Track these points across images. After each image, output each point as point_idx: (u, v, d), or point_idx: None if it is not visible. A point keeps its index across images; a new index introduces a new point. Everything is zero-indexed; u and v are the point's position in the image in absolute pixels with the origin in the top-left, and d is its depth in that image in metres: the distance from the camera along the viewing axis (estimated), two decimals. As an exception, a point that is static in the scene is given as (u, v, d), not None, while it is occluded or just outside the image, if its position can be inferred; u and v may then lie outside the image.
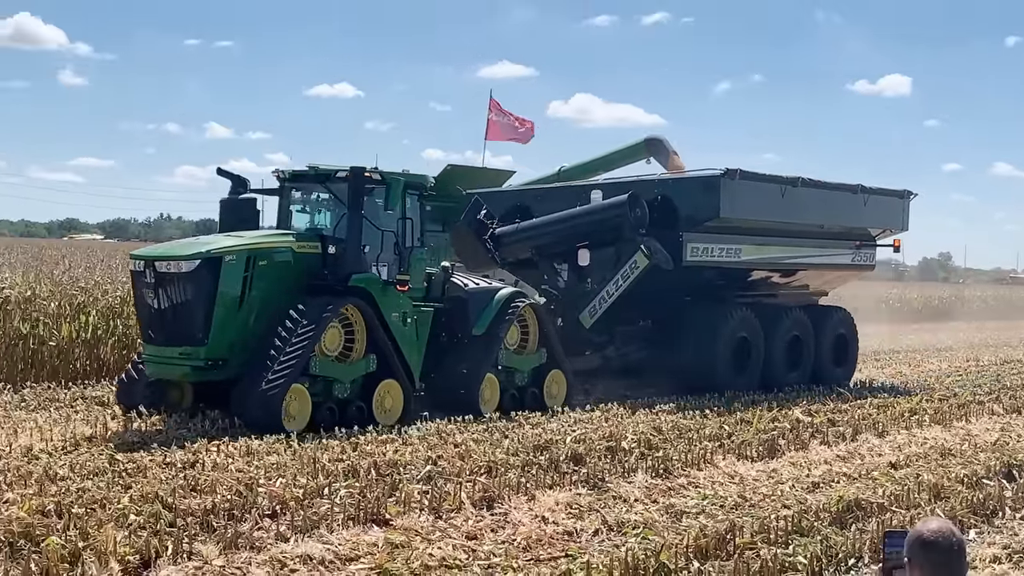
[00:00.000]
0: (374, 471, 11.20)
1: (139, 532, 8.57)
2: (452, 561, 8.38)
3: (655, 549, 8.48)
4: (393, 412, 14.12)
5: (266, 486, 10.30)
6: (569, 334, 18.20)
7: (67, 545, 8.04)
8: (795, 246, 20.77)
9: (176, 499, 9.68)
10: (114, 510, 9.23)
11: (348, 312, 13.90)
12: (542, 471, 11.50)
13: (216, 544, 8.45)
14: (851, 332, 22.47)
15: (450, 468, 11.57)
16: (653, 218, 18.15)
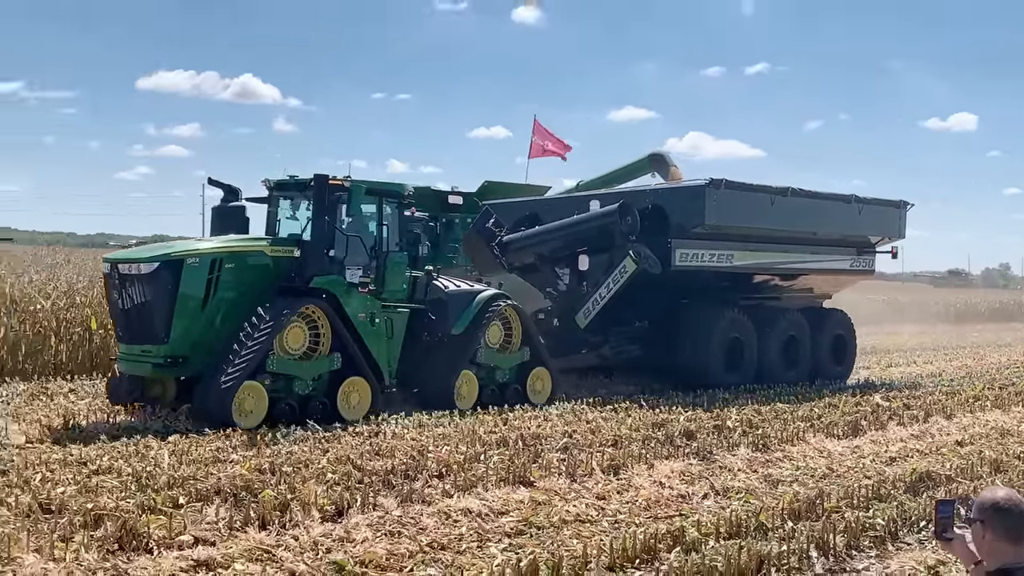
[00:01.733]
0: (521, 442, 11.38)
1: (335, 487, 8.83)
2: (584, 516, 8.48)
3: (755, 511, 8.49)
4: (360, 408, 12.59)
5: (434, 452, 10.55)
6: (566, 334, 17.17)
7: (278, 496, 8.35)
8: (789, 252, 19.05)
9: (363, 461, 9.98)
10: (315, 469, 9.56)
11: (312, 312, 12.47)
12: (660, 444, 11.54)
13: (395, 498, 8.68)
14: (849, 333, 20.62)
15: (583, 440, 11.70)
16: (645, 226, 16.84)
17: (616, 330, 17.46)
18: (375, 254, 13.35)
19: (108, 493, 8.36)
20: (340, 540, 7.47)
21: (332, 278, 12.65)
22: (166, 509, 7.96)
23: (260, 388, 11.83)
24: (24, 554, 6.73)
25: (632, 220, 16.60)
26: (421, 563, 7.02)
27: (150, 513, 7.77)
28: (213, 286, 12.19)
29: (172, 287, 11.95)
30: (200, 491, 8.56)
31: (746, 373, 17.77)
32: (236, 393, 11.51)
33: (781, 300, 19.86)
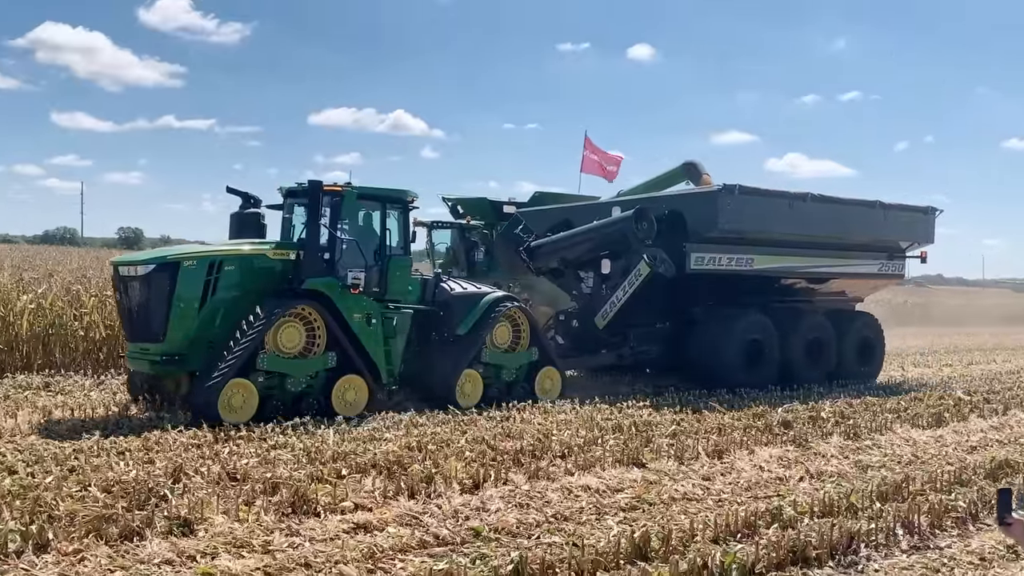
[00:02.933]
0: (634, 428, 11.38)
1: (472, 463, 8.97)
2: (691, 495, 8.42)
3: (846, 493, 8.31)
4: (356, 404, 11.59)
5: (557, 435, 10.67)
6: (586, 335, 15.99)
7: (424, 471, 8.52)
8: (813, 256, 17.16)
9: (496, 442, 10.10)
10: (455, 448, 9.73)
11: (306, 312, 11.43)
12: (759, 432, 11.37)
13: (523, 475, 8.76)
14: (876, 335, 18.40)
15: (690, 428, 11.65)
16: (663, 230, 15.50)
17: (636, 331, 15.99)
18: (378, 257, 12.36)
19: (283, 465, 8.68)
20: (477, 509, 7.60)
21: (325, 280, 11.66)
22: (331, 479, 8.22)
23: (250, 385, 10.86)
24: (214, 515, 7.05)
25: (648, 225, 15.44)
26: (547, 531, 7.09)
27: (318, 482, 8.04)
28: (211, 287, 11.28)
29: (168, 288, 11.09)
30: (359, 464, 8.80)
31: (767, 373, 15.99)
32: (222, 390, 10.57)
33: (807, 303, 17.99)
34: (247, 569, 5.95)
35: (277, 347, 11.17)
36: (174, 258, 11.25)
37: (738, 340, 15.80)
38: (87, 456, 8.79)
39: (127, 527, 6.58)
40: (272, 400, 11.07)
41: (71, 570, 5.84)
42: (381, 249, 12.37)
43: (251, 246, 11.90)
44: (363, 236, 12.35)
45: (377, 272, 12.24)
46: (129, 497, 7.32)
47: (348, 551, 6.38)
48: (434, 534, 6.83)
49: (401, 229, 12.68)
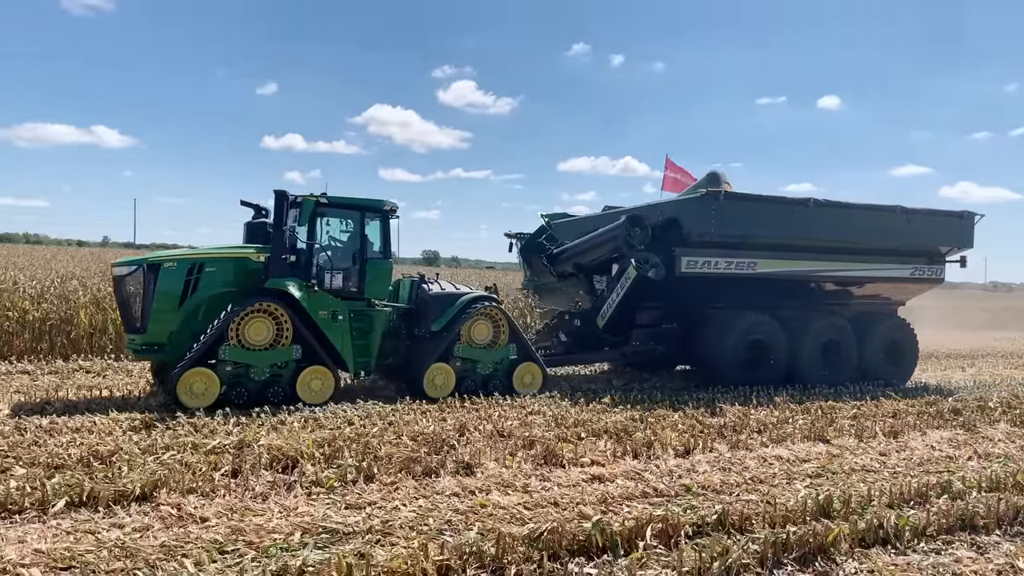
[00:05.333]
0: (820, 411, 10.78)
1: (684, 434, 8.83)
2: (869, 467, 7.86)
3: (1013, 472, 7.47)
4: (322, 393, 10.15)
5: (754, 415, 10.28)
6: (589, 334, 13.80)
7: (645, 437, 8.47)
8: (826, 261, 14.03)
9: (703, 418, 9.87)
10: (670, 421, 9.61)
11: (273, 309, 10.07)
12: (931, 417, 10.42)
13: (726, 445, 8.53)
14: (907, 337, 15.12)
15: (869, 412, 10.85)
16: (660, 236, 13.13)
17: (639, 331, 13.79)
18: (356, 260, 10.91)
19: (538, 427, 8.91)
20: (687, 470, 7.46)
21: (286, 279, 10.25)
22: (573, 440, 8.34)
23: (211, 373, 9.65)
24: (488, 462, 7.37)
25: (641, 231, 13.16)
26: (745, 490, 6.86)
27: (563, 442, 8.19)
28: (192, 286, 10.13)
29: (151, 287, 10.05)
30: (594, 430, 8.88)
31: (770, 373, 13.43)
32: (181, 377, 9.47)
33: (824, 305, 14.72)
34: (512, 503, 6.16)
35: (241, 340, 9.90)
36: (155, 260, 10.27)
37: (739, 340, 13.34)
38: (400, 414, 9.43)
39: (427, 467, 7.00)
40: (237, 387, 9.81)
41: (389, 496, 6.27)
42: (360, 253, 10.91)
43: (237, 250, 10.67)
44: (335, 241, 11.07)
45: (353, 274, 10.88)
46: (429, 445, 7.79)
47: (586, 495, 6.47)
48: (653, 487, 6.78)
49: (381, 235, 11.15)
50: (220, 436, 7.80)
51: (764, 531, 5.64)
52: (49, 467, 6.52)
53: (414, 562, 4.75)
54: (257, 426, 8.37)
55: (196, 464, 6.68)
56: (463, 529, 5.51)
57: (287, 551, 4.99)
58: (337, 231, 11.07)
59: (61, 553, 4.78)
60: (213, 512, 5.66)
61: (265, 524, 5.44)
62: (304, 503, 5.99)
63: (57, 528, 5.26)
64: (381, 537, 5.32)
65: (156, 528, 5.33)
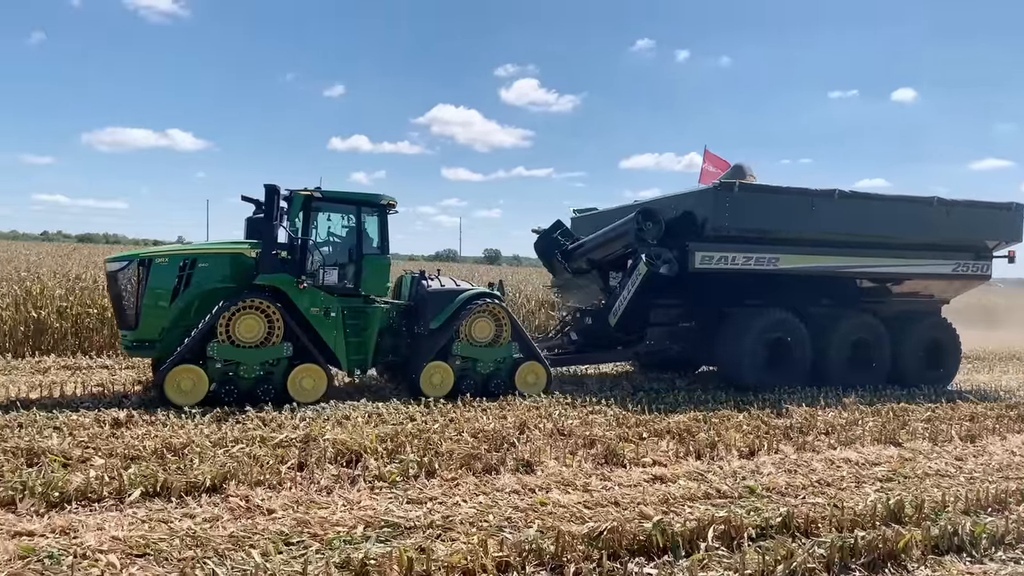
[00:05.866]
0: (892, 413, 10.45)
1: (748, 435, 8.70)
2: (944, 472, 7.60)
3: (1099, 481, 7.14)
4: (314, 391, 9.79)
5: (822, 416, 10.04)
6: (600, 332, 13.06)
7: (709, 438, 8.38)
8: (855, 256, 13.00)
9: (768, 419, 9.73)
10: (734, 421, 9.47)
11: (264, 306, 9.73)
12: (1011, 421, 10.02)
13: (792, 446, 8.37)
14: (948, 337, 14.04)
15: (944, 415, 10.48)
16: (676, 230, 12.45)
17: (654, 329, 12.97)
18: (352, 256, 10.54)
19: (598, 426, 8.89)
20: (752, 472, 7.34)
21: (278, 276, 9.94)
22: (635, 440, 8.29)
23: (198, 371, 9.38)
24: (548, 460, 7.37)
25: (654, 226, 12.54)
26: (811, 493, 6.71)
27: (624, 441, 8.15)
28: (184, 282, 9.85)
29: (142, 282, 9.81)
30: (656, 430, 8.81)
31: (793, 374, 12.62)
32: (168, 374, 9.25)
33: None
34: (572, 502, 6.15)
35: (232, 337, 9.63)
36: (147, 256, 10.02)
37: (759, 339, 12.51)
38: (461, 411, 9.51)
39: (487, 464, 7.05)
40: (227, 385, 9.54)
41: (450, 492, 6.33)
42: (356, 249, 10.54)
43: (231, 246, 10.38)
44: (331, 236, 10.75)
45: (349, 270, 10.53)
46: (489, 442, 7.84)
47: (647, 496, 6.42)
48: (716, 488, 6.69)
49: (378, 231, 10.74)
50: (287, 430, 8.00)
51: (831, 535, 5.50)
52: (126, 458, 6.79)
53: (474, 558, 4.79)
54: (323, 420, 8.55)
55: (264, 457, 6.87)
56: (523, 526, 5.53)
57: (350, 544, 5.09)
58: (332, 226, 10.75)
59: (136, 541, 4.97)
60: (279, 504, 5.81)
61: (329, 517, 5.56)
62: (367, 497, 6.10)
63: (133, 517, 5.48)
64: (442, 532, 5.38)
65: (225, 519, 5.50)
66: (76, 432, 7.61)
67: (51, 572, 4.46)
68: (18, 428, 7.69)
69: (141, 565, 4.64)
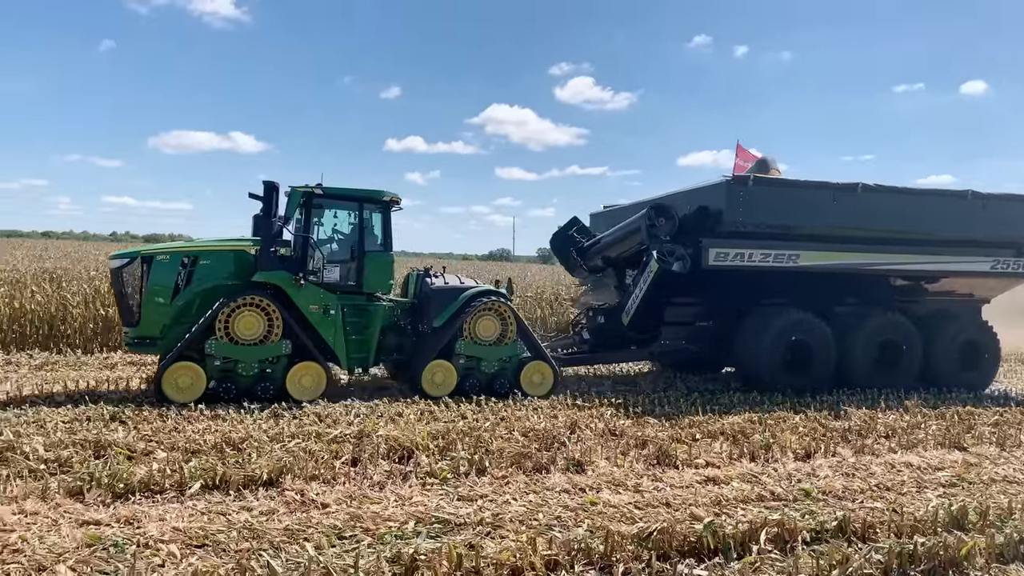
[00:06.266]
0: (957, 416, 10.13)
1: (804, 437, 8.54)
2: (1012, 478, 7.32)
3: None
4: (313, 390, 9.70)
5: (882, 419, 9.78)
6: (613, 331, 12.58)
7: (763, 440, 8.25)
8: (881, 253, 12.22)
9: (826, 420, 9.54)
10: (790, 423, 9.32)
11: (264, 303, 9.66)
12: (1085, 427, 9.64)
13: (850, 450, 8.18)
14: (986, 339, 13.17)
15: (1013, 419, 10.11)
16: (691, 226, 11.83)
17: (669, 328, 12.39)
18: (354, 253, 10.39)
19: (651, 426, 8.82)
20: (807, 474, 7.20)
21: (276, 273, 9.86)
22: (687, 441, 8.21)
23: (196, 368, 9.33)
24: (599, 460, 7.36)
25: (667, 221, 11.90)
26: (869, 497, 6.55)
27: (677, 442, 8.08)
28: (186, 279, 9.84)
29: (143, 279, 9.81)
30: (710, 431, 8.71)
31: (816, 376, 11.98)
32: (165, 371, 9.22)
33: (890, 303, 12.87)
34: (622, 502, 6.13)
35: (231, 334, 9.58)
36: (148, 253, 10.04)
37: (778, 340, 11.90)
38: (512, 410, 9.55)
39: (538, 463, 7.07)
40: (226, 382, 9.51)
41: (500, 490, 6.37)
42: (358, 245, 10.39)
43: (233, 243, 10.32)
44: (332, 233, 10.65)
45: (351, 267, 10.40)
46: (540, 441, 7.86)
47: (699, 497, 6.36)
48: (770, 491, 6.58)
49: (381, 227, 10.57)
50: (342, 426, 8.15)
51: (889, 541, 5.37)
52: (187, 452, 7.00)
53: (523, 555, 4.81)
54: (376, 417, 8.68)
55: (319, 452, 7.01)
56: (572, 525, 5.53)
57: (401, 539, 5.16)
58: (334, 223, 10.66)
59: (196, 532, 5.13)
60: (333, 499, 5.93)
61: (381, 512, 5.65)
62: (419, 493, 6.17)
63: (193, 508, 5.65)
64: (491, 529, 5.41)
65: (281, 512, 5.63)
66: (140, 426, 7.88)
67: (115, 560, 4.64)
68: (87, 421, 8.00)
69: (200, 555, 4.79)
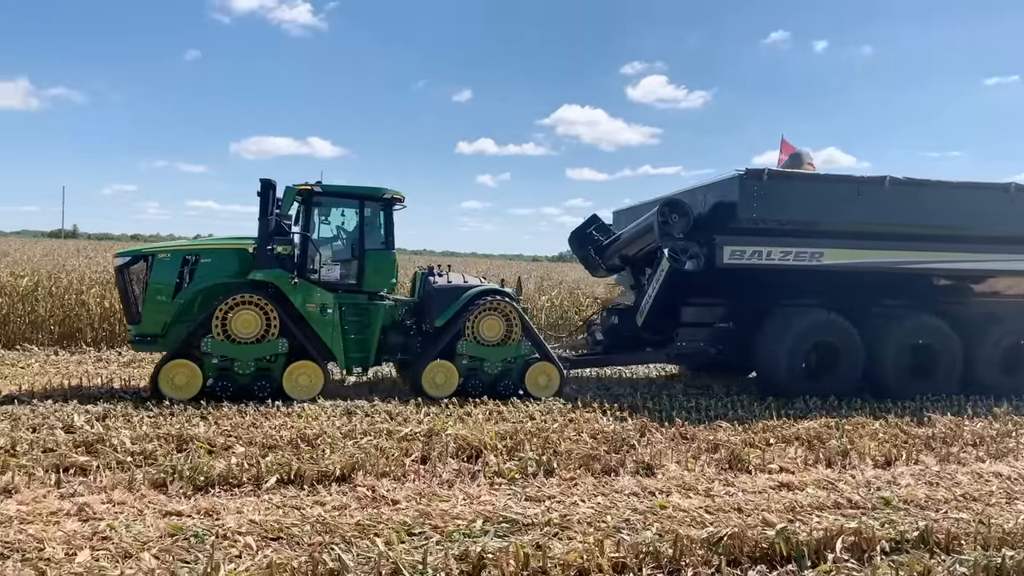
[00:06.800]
0: (1050, 425, 9.65)
1: (884, 443, 8.24)
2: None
3: None
4: (310, 388, 9.61)
5: (969, 427, 9.37)
6: (628, 332, 12.15)
7: (841, 445, 8.00)
8: (921, 251, 11.38)
9: (907, 427, 9.20)
10: (869, 429, 9.00)
11: (261, 302, 9.61)
12: None
13: (934, 457, 7.87)
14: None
15: (1113, 429, 9.57)
16: (706, 223, 11.21)
17: (685, 330, 11.74)
18: (354, 252, 10.31)
19: (723, 430, 8.68)
20: (887, 482, 6.96)
21: (272, 271, 9.78)
22: (760, 446, 8.04)
23: (192, 366, 9.36)
24: (669, 463, 7.27)
25: (681, 218, 11.23)
26: (954, 507, 6.29)
27: (750, 447, 7.92)
28: (187, 277, 9.87)
29: (145, 277, 9.87)
30: (784, 436, 8.50)
31: (842, 382, 11.25)
32: (162, 369, 9.29)
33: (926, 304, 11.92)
34: (692, 506, 6.04)
35: (229, 332, 9.57)
36: (149, 251, 10.10)
37: (799, 343, 11.23)
38: (581, 411, 9.52)
39: (606, 465, 7.03)
40: (223, 380, 9.54)
41: (568, 491, 6.36)
42: (359, 244, 10.32)
43: (235, 241, 10.31)
44: (332, 231, 10.59)
45: (351, 265, 10.32)
46: (608, 443, 7.82)
47: (772, 503, 6.22)
48: (847, 498, 6.39)
49: (383, 225, 10.44)
50: (412, 424, 8.27)
51: (974, 553, 5.14)
52: (263, 447, 7.22)
53: (590, 557, 4.79)
54: (445, 416, 8.78)
55: (389, 449, 7.13)
56: (641, 528, 5.48)
57: (469, 537, 5.21)
58: (334, 221, 10.60)
59: (271, 525, 5.28)
60: (403, 495, 6.02)
61: (450, 510, 5.71)
62: (487, 492, 6.22)
63: (269, 502, 5.83)
64: (559, 530, 5.41)
65: (352, 507, 5.75)
66: (220, 421, 8.17)
67: (196, 550, 4.82)
68: (170, 416, 8.33)
69: (275, 548, 4.94)
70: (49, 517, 5.30)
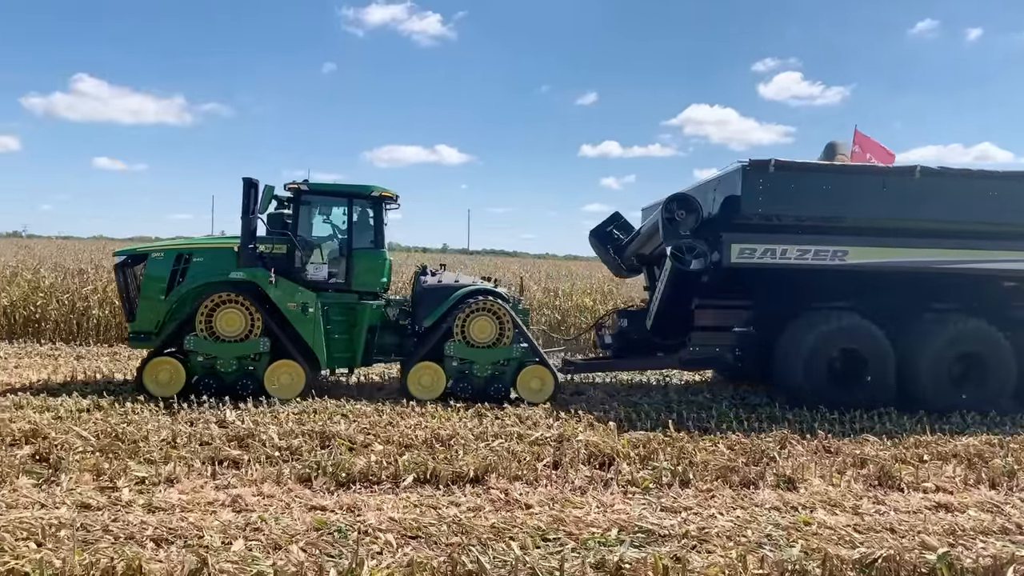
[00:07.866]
0: None
1: None
2: None
3: None
4: (292, 388, 9.48)
5: None
6: (638, 335, 11.46)
7: (1006, 466, 7.36)
8: (960, 249, 10.14)
9: None
10: None
11: (242, 300, 9.51)
12: None
13: None
14: None
15: None
16: (717, 220, 10.28)
17: (699, 334, 10.80)
18: (341, 250, 10.13)
19: (870, 444, 8.19)
20: (1063, 508, 6.37)
21: (252, 270, 9.71)
22: (913, 462, 7.55)
23: (175, 363, 9.44)
24: (813, 478, 6.93)
25: (689, 214, 10.31)
26: None
27: (901, 463, 7.45)
28: (179, 276, 9.87)
29: (139, 276, 9.98)
30: (939, 453, 7.92)
31: (873, 393, 10.03)
32: (147, 365, 9.40)
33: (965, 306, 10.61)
34: (840, 524, 5.74)
35: (213, 330, 9.60)
36: (143, 250, 10.24)
37: (820, 350, 10.13)
38: (715, 422, 9.22)
39: (745, 477, 6.79)
40: (207, 378, 9.52)
41: (705, 503, 6.19)
42: (347, 243, 10.16)
43: (226, 240, 10.31)
44: (325, 229, 10.41)
45: (339, 265, 10.15)
46: (747, 455, 7.55)
47: (929, 524, 5.81)
48: (1016, 523, 5.90)
49: (372, 225, 10.25)
50: (542, 429, 8.28)
51: None
52: (400, 446, 7.42)
53: (731, 572, 4.63)
54: (575, 422, 8.74)
55: (521, 453, 7.17)
56: (784, 545, 5.25)
57: (604, 545, 5.14)
58: (321, 219, 10.48)
59: (409, 523, 5.41)
60: (536, 500, 6.03)
61: (583, 517, 5.66)
62: (620, 501, 6.13)
63: (406, 500, 5.98)
64: (697, 543, 5.26)
65: (487, 509, 5.81)
66: (359, 420, 8.46)
67: (340, 545, 4.99)
68: (314, 413, 8.71)
69: (414, 546, 5.05)
70: (207, 507, 5.65)
